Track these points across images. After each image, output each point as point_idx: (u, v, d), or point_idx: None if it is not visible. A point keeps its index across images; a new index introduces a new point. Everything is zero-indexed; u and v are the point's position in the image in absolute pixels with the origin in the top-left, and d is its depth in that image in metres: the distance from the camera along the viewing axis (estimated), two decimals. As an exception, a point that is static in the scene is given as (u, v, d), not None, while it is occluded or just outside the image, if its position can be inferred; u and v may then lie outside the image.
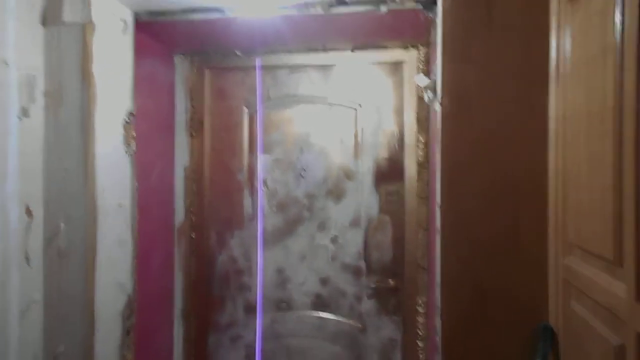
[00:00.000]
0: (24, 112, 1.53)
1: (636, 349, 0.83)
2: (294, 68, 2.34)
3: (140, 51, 1.88)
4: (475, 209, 1.40)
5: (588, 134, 1.06)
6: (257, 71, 2.35)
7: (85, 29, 1.58)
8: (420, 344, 2.21)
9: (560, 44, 1.27)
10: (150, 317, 2.11)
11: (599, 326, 0.99)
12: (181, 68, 2.39)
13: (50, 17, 1.60)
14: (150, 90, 2.12)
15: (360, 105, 2.30)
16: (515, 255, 1.37)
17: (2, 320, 1.44)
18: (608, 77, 0.94)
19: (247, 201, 2.39)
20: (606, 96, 0.95)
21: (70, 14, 1.58)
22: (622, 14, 0.89)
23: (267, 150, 2.37)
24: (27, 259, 1.54)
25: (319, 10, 1.72)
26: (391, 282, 2.27)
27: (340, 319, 2.31)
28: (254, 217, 2.37)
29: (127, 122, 1.78)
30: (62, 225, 1.60)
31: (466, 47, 1.41)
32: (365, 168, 2.29)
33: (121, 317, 1.74)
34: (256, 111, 2.37)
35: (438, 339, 1.46)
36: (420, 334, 2.20)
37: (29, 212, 1.54)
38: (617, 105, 0.90)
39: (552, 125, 1.32)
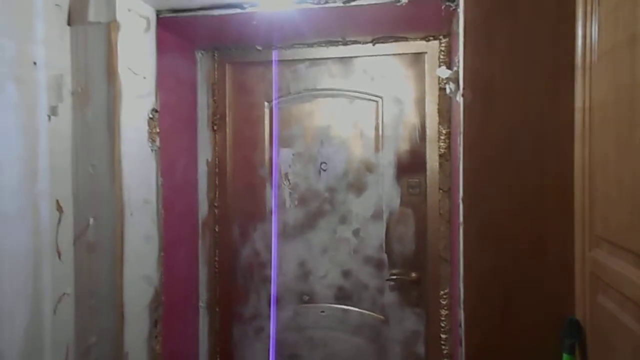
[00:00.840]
0: (53, 111, 1.57)
1: (666, 343, 0.81)
2: (314, 62, 2.34)
3: (162, 48, 1.91)
4: (499, 202, 1.38)
5: (617, 124, 1.04)
6: (274, 65, 2.36)
7: (110, 28, 1.61)
8: (443, 336, 2.20)
9: (587, 33, 1.24)
10: (176, 308, 2.16)
11: (627, 320, 0.98)
12: (203, 64, 2.42)
13: (76, 17, 1.63)
14: (173, 86, 2.15)
15: (381, 97, 2.29)
16: (541, 249, 1.36)
17: (36, 313, 1.49)
18: (637, 65, 0.92)
19: (269, 195, 2.41)
20: (635, 84, 0.93)
21: (95, 13, 1.62)
22: (652, 2, 0.87)
23: (288, 144, 2.38)
24: (59, 253, 1.59)
25: (338, 3, 1.72)
26: (413, 274, 2.26)
27: (362, 311, 2.32)
28: (274, 210, 2.40)
29: (151, 119, 1.81)
30: (91, 220, 1.64)
31: (489, 37, 1.39)
32: (387, 161, 2.29)
33: (149, 309, 1.79)
34: (277, 105, 2.39)
35: (461, 331, 1.46)
36: (443, 326, 2.20)
37: (59, 208, 1.59)
38: (647, 95, 0.88)
39: (578, 116, 1.29)
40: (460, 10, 1.46)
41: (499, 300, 1.39)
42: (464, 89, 1.41)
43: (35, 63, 1.50)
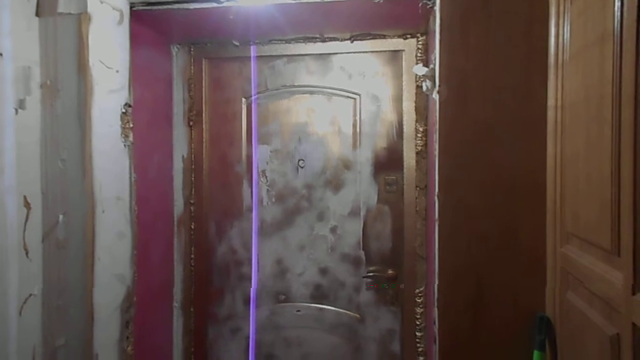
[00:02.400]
0: (20, 104, 1.52)
1: (632, 338, 0.83)
2: (292, 58, 2.33)
3: (136, 41, 1.87)
4: (473, 199, 1.39)
5: (586, 122, 1.05)
6: (252, 61, 2.34)
7: (80, 19, 1.57)
8: (418, 334, 2.22)
9: (560, 32, 1.25)
10: (149, 309, 2.12)
11: (595, 316, 1.00)
12: (179, 58, 2.38)
13: (45, 7, 1.58)
14: (147, 81, 2.11)
15: (358, 94, 2.29)
16: (513, 244, 1.37)
17: (1, 313, 1.44)
18: (606, 64, 0.93)
19: (246, 192, 2.38)
20: (604, 83, 0.94)
21: (65, 4, 1.57)
22: (622, 1, 0.88)
23: (265, 140, 2.36)
24: (26, 251, 1.54)
25: (316, -1, 1.70)
26: (390, 271, 2.27)
27: (338, 309, 2.32)
28: (253, 207, 2.37)
29: (124, 113, 1.77)
30: (61, 217, 1.60)
31: (464, 35, 1.40)
32: (364, 158, 2.29)
33: (120, 309, 1.75)
34: (255, 101, 2.36)
35: (435, 329, 1.47)
36: (419, 324, 2.21)
37: (27, 205, 1.54)
38: (616, 92, 0.89)
39: (550, 113, 1.31)
40: (437, 8, 1.47)
41: (472, 297, 1.40)
42: (439, 86, 1.41)
43: (1, 54, 1.45)
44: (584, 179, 1.06)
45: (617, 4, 0.89)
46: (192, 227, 2.42)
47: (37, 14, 1.58)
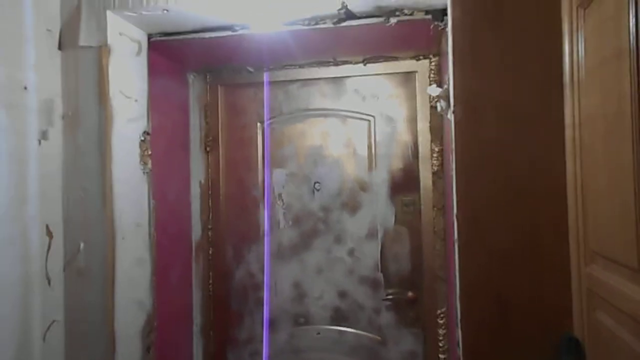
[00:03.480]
0: (44, 136, 1.56)
1: (666, 360, 0.80)
2: (306, 82, 2.36)
3: (154, 71, 1.92)
4: (493, 219, 1.38)
5: (605, 139, 1.04)
6: (265, 86, 2.37)
7: (101, 52, 1.62)
8: (442, 356, 2.17)
9: (574, 50, 1.25)
10: (169, 334, 2.11)
11: (625, 336, 0.97)
12: (195, 86, 2.43)
13: (67, 41, 1.64)
14: (165, 109, 2.15)
15: (373, 116, 2.30)
16: (536, 264, 1.35)
17: (24, 340, 1.46)
18: (624, 80, 0.93)
19: (263, 216, 2.39)
20: (623, 99, 0.93)
21: (86, 38, 1.62)
22: (636, 17, 0.88)
23: (281, 164, 2.38)
24: (48, 280, 1.56)
25: (328, 24, 1.73)
26: (410, 293, 2.24)
27: (359, 332, 2.29)
28: (266, 231, 2.38)
29: (142, 141, 1.80)
30: (82, 245, 1.62)
31: (477, 55, 1.40)
32: (380, 179, 2.28)
33: (141, 335, 1.75)
34: (268, 126, 2.39)
35: (459, 351, 1.44)
36: (442, 346, 2.17)
37: (49, 234, 1.57)
38: (635, 108, 0.88)
39: (568, 132, 1.30)
40: (449, 29, 1.48)
41: (497, 318, 1.37)
42: (454, 106, 1.42)
43: (25, 88, 1.50)
44: (606, 197, 1.04)
45: (632, 20, 0.89)
46: (210, 251, 2.43)
47: (59, 48, 1.64)
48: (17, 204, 1.45)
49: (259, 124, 2.41)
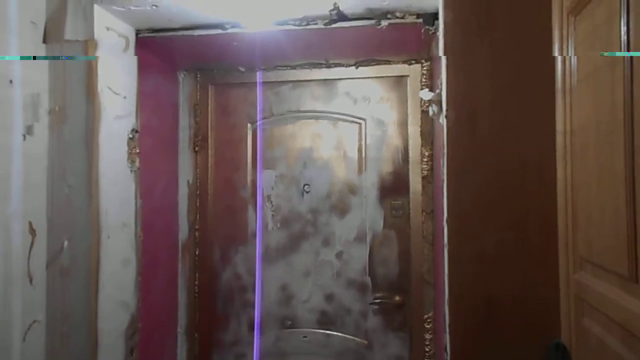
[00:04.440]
0: (29, 131, 1.53)
1: (654, 367, 0.80)
2: (297, 83, 2.35)
3: (143, 68, 1.89)
4: (482, 224, 1.38)
5: (597, 147, 1.04)
6: (258, 87, 2.36)
7: (87, 46, 1.59)
8: (428, 361, 2.17)
9: (565, 57, 1.26)
10: (154, 335, 2.08)
11: (613, 343, 0.97)
12: (185, 84, 2.40)
13: (52, 35, 1.61)
14: (154, 107, 2.12)
15: (364, 119, 2.29)
16: (525, 270, 1.35)
17: (4, 340, 1.42)
18: (617, 88, 0.93)
19: (251, 217, 2.37)
20: (615, 107, 0.93)
21: (72, 31, 1.59)
22: (627, 26, 0.89)
23: (270, 165, 2.36)
24: (30, 278, 1.52)
25: (319, 25, 1.72)
26: (397, 298, 2.23)
27: (345, 335, 2.28)
28: (257, 232, 2.36)
29: (131, 139, 1.77)
30: (66, 243, 1.59)
31: (469, 60, 1.40)
32: (370, 183, 2.28)
33: (124, 336, 1.72)
34: (259, 127, 2.37)
35: (446, 356, 1.43)
36: (428, 350, 2.16)
37: (32, 231, 1.54)
38: (627, 116, 0.88)
39: (559, 138, 1.30)
40: (440, 34, 1.48)
41: (485, 323, 1.37)
42: (446, 110, 1.41)
43: (11, 81, 1.46)
44: (597, 204, 1.05)
45: (623, 27, 0.90)
46: (197, 252, 2.40)
47: (44, 41, 1.60)
48: (-1, 200, 1.41)
49: (249, 125, 2.39)
